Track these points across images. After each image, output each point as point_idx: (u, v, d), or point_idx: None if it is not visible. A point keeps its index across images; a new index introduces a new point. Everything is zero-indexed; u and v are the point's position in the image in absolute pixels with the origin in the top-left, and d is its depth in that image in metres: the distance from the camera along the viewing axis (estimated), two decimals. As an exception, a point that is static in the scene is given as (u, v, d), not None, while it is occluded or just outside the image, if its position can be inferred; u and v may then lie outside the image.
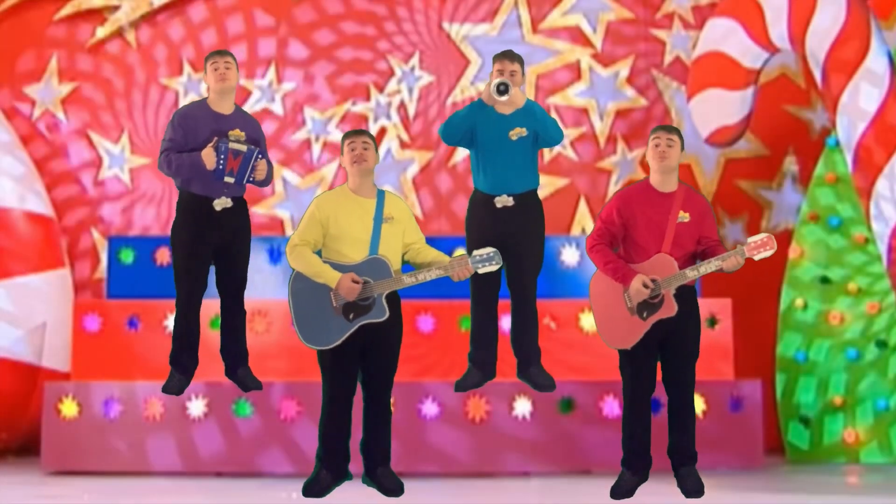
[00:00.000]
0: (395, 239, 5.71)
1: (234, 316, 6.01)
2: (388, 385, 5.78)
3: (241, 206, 5.97)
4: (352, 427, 5.76)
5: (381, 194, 5.76)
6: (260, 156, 5.86)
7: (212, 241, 5.90)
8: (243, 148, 5.82)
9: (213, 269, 6.00)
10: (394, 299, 5.71)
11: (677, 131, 5.77)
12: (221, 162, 5.79)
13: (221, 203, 5.88)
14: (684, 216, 5.69)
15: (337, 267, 5.61)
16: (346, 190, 5.77)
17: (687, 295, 5.70)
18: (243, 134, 5.91)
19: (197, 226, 5.88)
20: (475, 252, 5.67)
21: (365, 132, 5.85)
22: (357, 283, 5.58)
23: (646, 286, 5.58)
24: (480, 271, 5.68)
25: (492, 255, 5.65)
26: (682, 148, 5.76)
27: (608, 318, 5.74)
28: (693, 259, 5.72)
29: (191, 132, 5.87)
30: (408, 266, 5.79)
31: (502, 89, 5.88)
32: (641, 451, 5.76)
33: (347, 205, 5.70)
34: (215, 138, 5.81)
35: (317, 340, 5.63)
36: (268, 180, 6.00)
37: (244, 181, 5.86)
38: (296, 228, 5.76)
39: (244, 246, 5.99)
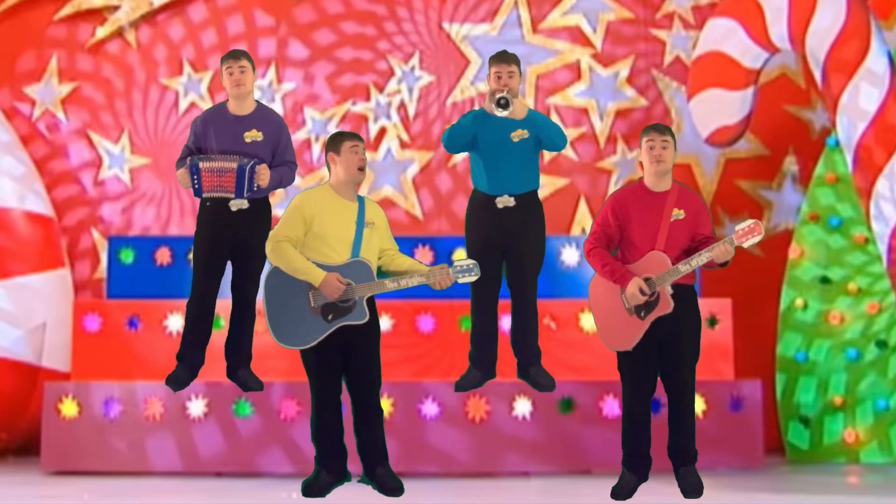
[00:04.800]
0: (373, 244, 5.72)
1: (244, 317, 6.02)
2: (374, 385, 5.75)
3: (260, 208, 5.96)
4: (345, 425, 5.75)
5: (360, 199, 5.77)
6: (255, 166, 5.84)
7: (227, 241, 5.92)
8: (232, 165, 5.81)
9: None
10: (370, 302, 5.71)
11: (670, 131, 5.78)
12: (196, 182, 5.83)
13: (237, 204, 5.89)
14: (678, 213, 5.70)
15: (319, 267, 5.60)
16: (329, 189, 5.76)
17: (686, 296, 5.70)
18: (260, 134, 5.92)
19: (213, 226, 5.92)
20: (455, 262, 5.71)
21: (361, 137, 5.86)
22: (342, 283, 5.57)
23: (642, 292, 5.59)
24: (460, 281, 5.70)
25: (471, 266, 5.68)
26: (675, 147, 5.77)
27: (608, 320, 5.75)
28: (687, 256, 5.71)
29: (205, 138, 5.92)
30: (382, 274, 5.78)
31: (503, 103, 5.87)
32: (641, 452, 5.77)
33: (332, 205, 5.69)
34: (188, 159, 5.87)
35: (292, 340, 5.61)
36: (285, 181, 5.99)
37: (244, 194, 5.86)
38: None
39: (260, 248, 5.95)
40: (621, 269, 5.67)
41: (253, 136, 5.91)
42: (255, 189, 5.88)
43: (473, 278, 5.68)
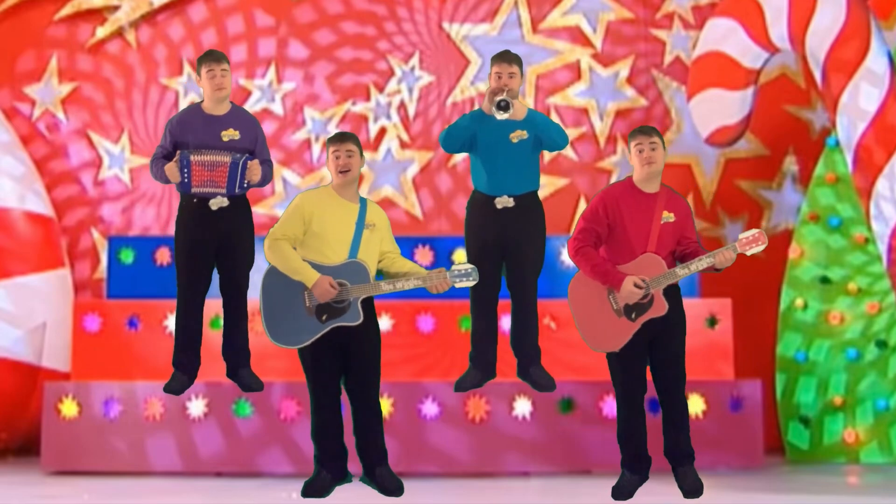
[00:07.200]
0: (373, 246, 5.71)
1: (235, 316, 6.00)
2: (373, 385, 5.74)
3: (240, 205, 5.94)
4: (345, 424, 5.75)
5: (363, 201, 5.76)
6: (248, 161, 5.85)
7: (210, 241, 5.89)
8: (226, 159, 5.80)
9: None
10: (367, 303, 5.70)
11: (656, 131, 5.75)
12: (186, 176, 5.80)
13: (218, 202, 5.87)
14: (669, 216, 5.68)
15: (315, 267, 5.59)
16: (331, 191, 5.75)
17: (672, 294, 5.69)
18: (237, 133, 5.90)
19: (194, 226, 5.89)
20: (454, 266, 5.69)
21: (349, 137, 5.77)
22: (334, 288, 5.56)
23: (637, 287, 5.57)
24: (457, 286, 5.69)
25: (469, 270, 5.67)
26: (664, 146, 5.76)
27: (592, 321, 5.69)
28: (674, 259, 5.70)
29: (181, 139, 5.88)
30: (380, 276, 5.78)
31: (503, 105, 5.85)
32: (639, 452, 5.75)
33: (332, 205, 5.69)
34: (178, 152, 5.83)
35: (286, 339, 5.61)
36: (266, 179, 5.99)
37: (236, 189, 5.85)
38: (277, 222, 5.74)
39: (244, 245, 5.97)
40: (613, 269, 5.62)
41: (230, 134, 5.88)
42: (246, 185, 5.87)
43: (471, 283, 5.68)
